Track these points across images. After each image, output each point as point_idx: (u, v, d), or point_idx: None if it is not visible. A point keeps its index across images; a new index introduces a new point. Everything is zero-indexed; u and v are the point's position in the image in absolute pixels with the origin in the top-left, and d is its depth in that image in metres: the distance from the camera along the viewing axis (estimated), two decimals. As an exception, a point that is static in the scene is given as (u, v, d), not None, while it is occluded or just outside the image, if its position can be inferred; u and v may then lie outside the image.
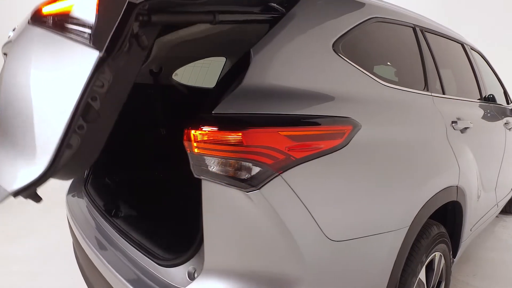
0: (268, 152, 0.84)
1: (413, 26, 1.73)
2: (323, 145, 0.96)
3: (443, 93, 1.80)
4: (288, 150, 0.87)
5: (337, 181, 1.01)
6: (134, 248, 1.26)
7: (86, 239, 1.43)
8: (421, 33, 1.78)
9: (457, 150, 1.62)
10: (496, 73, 2.99)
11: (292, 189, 0.88)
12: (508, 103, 3.02)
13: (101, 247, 1.36)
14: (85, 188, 1.95)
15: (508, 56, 4.88)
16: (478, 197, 1.99)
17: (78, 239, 1.54)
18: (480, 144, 1.97)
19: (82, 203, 1.84)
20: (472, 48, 2.52)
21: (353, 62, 1.23)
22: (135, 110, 2.27)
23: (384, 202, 1.15)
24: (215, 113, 0.87)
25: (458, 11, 5.75)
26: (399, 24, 1.63)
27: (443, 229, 1.56)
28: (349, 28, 1.28)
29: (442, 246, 1.58)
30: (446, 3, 5.92)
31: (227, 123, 0.84)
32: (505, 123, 2.48)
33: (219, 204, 0.88)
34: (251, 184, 0.83)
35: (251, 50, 1.01)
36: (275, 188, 0.86)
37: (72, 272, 2.42)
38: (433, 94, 1.67)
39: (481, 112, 2.14)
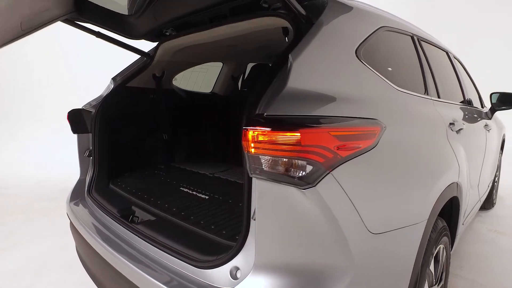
0: (321, 151, 0.89)
1: (411, 35, 1.87)
2: (361, 144, 1.02)
3: (438, 97, 1.94)
4: (337, 149, 0.93)
5: (372, 179, 1.08)
6: (164, 252, 1.25)
7: (106, 246, 1.40)
8: (417, 41, 1.92)
9: (455, 149, 1.76)
10: (472, 79, 3.24)
11: (340, 185, 0.93)
12: (482, 107, 3.27)
13: (125, 253, 1.33)
14: (90, 195, 1.90)
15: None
16: (468, 193, 2.15)
17: (94, 246, 1.50)
18: (469, 144, 2.14)
19: (89, 209, 1.79)
20: (454, 56, 2.72)
21: (371, 67, 1.32)
22: (137, 115, 2.25)
23: (408, 197, 1.24)
24: (268, 115, 0.91)
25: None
26: (401, 33, 1.75)
27: (445, 223, 1.68)
28: (366, 36, 1.37)
29: (445, 239, 1.70)
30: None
31: (285, 124, 0.88)
32: (485, 125, 2.70)
33: (273, 201, 0.91)
34: (308, 181, 0.87)
35: (290, 55, 1.06)
36: (327, 185, 0.91)
37: (67, 282, 2.33)
38: (432, 98, 1.80)
39: (467, 115, 2.32)
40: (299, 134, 0.85)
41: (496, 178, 3.86)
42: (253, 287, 0.94)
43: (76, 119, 1.99)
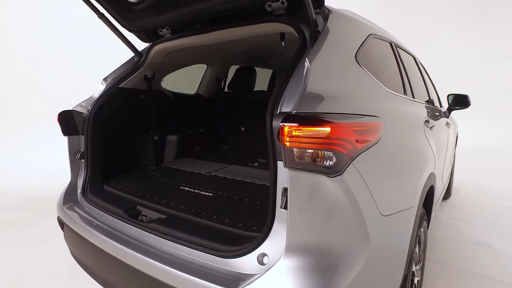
0: (344, 144, 1.01)
1: (390, 41, 2.08)
2: (371, 138, 1.17)
3: (413, 97, 2.17)
4: (356, 142, 1.06)
5: (379, 168, 1.23)
6: (185, 247, 1.29)
7: (121, 246, 1.39)
8: (395, 47, 2.14)
9: (431, 143, 1.99)
10: (432, 81, 3.60)
11: (359, 173, 1.07)
12: (441, 106, 3.65)
13: (143, 251, 1.34)
14: (86, 197, 1.86)
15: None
16: (438, 182, 2.42)
17: (104, 247, 1.48)
18: (438, 139, 2.41)
19: (88, 212, 1.76)
20: (419, 61, 3.03)
21: (366, 70, 1.47)
22: (129, 116, 2.24)
23: (404, 184, 1.41)
24: (297, 113, 1.01)
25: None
26: (383, 40, 1.94)
27: (424, 209, 1.90)
28: (361, 43, 1.53)
29: (424, 223, 1.92)
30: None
31: (316, 120, 0.99)
32: (447, 123, 3.03)
33: (305, 189, 1.01)
34: (336, 170, 0.99)
35: (306, 58, 1.17)
36: (350, 173, 1.03)
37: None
38: (409, 98, 2.02)
39: (434, 114, 2.60)
40: (329, 128, 0.97)
41: (452, 171, 4.30)
42: (286, 269, 1.03)
43: (67, 120, 1.95)
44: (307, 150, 0.98)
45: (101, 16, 1.87)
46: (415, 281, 1.79)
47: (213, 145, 3.14)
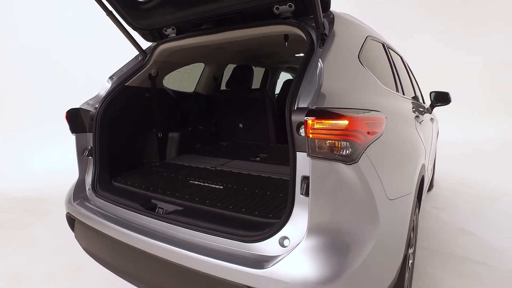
0: (359, 135, 1.13)
1: (382, 42, 2.23)
2: (378, 130, 1.30)
3: (403, 94, 2.34)
4: (367, 134, 1.18)
5: (384, 157, 1.36)
6: (208, 234, 1.37)
7: (145, 238, 1.45)
8: (386, 48, 2.30)
9: (421, 137, 2.16)
10: (416, 79, 3.82)
11: (371, 161, 1.19)
12: (423, 103, 3.87)
13: (169, 241, 1.40)
14: (96, 192, 1.91)
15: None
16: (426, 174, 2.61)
17: (126, 240, 1.53)
18: (425, 133, 2.59)
19: (101, 206, 1.81)
20: (405, 60, 3.22)
21: (367, 69, 1.61)
22: (135, 113, 2.29)
23: (404, 172, 1.56)
24: (318, 108, 1.12)
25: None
26: (377, 41, 2.09)
27: (416, 198, 2.07)
28: (361, 44, 1.66)
29: (417, 211, 2.08)
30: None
31: (336, 114, 1.10)
32: (431, 119, 3.24)
33: (325, 176, 1.12)
34: (352, 158, 1.11)
35: (320, 59, 1.29)
36: (364, 161, 1.16)
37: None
38: (401, 95, 2.18)
39: (420, 109, 2.79)
40: (347, 121, 1.09)
41: (434, 164, 4.56)
42: (308, 249, 1.14)
43: (75, 118, 1.98)
44: (327, 141, 1.09)
45: (109, 13, 1.90)
46: (409, 264, 1.96)
47: (212, 142, 3.22)
